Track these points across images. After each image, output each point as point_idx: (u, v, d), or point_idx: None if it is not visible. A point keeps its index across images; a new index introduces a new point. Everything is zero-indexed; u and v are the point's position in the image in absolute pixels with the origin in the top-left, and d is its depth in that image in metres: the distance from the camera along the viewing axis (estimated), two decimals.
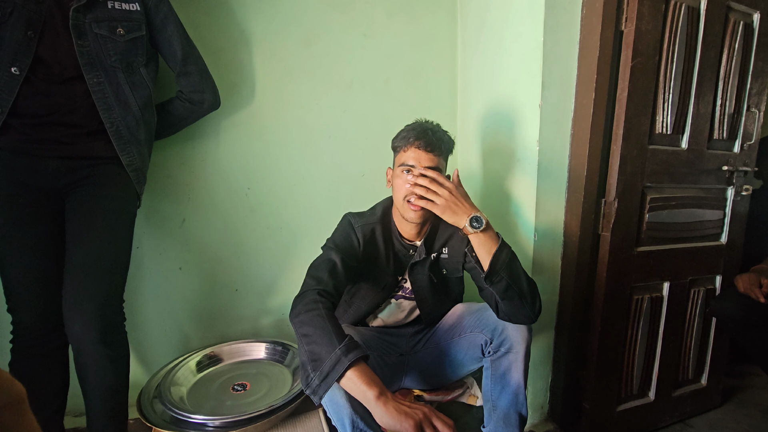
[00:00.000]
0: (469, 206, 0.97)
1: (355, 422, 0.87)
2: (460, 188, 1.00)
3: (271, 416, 1.04)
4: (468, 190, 1.58)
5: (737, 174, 1.43)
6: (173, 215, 1.38)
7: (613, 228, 1.27)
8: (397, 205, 1.09)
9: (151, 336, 1.40)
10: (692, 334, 1.51)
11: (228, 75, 1.36)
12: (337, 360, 0.78)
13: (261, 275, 1.50)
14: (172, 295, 1.40)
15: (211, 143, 1.38)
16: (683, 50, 1.24)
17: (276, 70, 1.42)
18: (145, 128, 1.08)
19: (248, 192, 1.45)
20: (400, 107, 1.60)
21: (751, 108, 1.42)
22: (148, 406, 1.08)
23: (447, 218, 0.97)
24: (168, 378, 1.16)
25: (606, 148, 1.26)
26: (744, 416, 1.60)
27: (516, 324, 0.99)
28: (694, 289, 1.48)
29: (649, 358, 1.45)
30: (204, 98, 1.20)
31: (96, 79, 0.98)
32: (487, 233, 0.96)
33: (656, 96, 1.25)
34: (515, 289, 0.94)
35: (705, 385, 1.59)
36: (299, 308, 0.87)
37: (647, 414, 1.48)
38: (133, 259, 1.32)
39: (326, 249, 1.05)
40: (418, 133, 1.04)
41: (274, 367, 1.30)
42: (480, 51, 1.51)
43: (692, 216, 1.40)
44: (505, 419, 0.95)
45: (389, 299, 1.19)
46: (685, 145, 1.33)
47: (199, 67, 1.17)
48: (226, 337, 1.47)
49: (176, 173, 1.37)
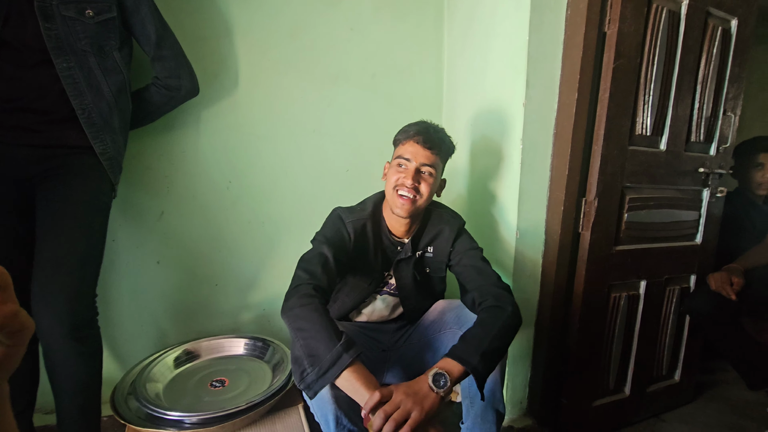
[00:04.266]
0: (423, 395, 0.79)
1: (339, 418, 0.86)
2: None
3: (250, 412, 1.03)
4: (453, 189, 1.61)
5: (713, 176, 1.47)
6: (151, 207, 1.35)
7: (592, 227, 1.29)
8: (387, 195, 1.09)
9: (127, 331, 1.36)
10: (667, 331, 1.54)
11: (210, 65, 1.33)
12: (337, 357, 0.78)
13: (242, 270, 1.48)
14: (149, 289, 1.37)
15: (192, 134, 1.35)
16: (664, 53, 1.27)
17: (260, 61, 1.40)
18: (119, 115, 1.05)
19: (230, 185, 1.42)
20: (386, 104, 1.59)
21: (728, 112, 1.45)
22: (122, 402, 1.05)
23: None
24: (143, 374, 1.14)
25: (587, 148, 1.28)
26: (714, 411, 1.66)
27: None
28: (670, 288, 1.51)
29: (626, 354, 1.48)
30: (181, 84, 1.16)
31: (65, 63, 0.94)
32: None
33: (637, 97, 1.28)
34: (501, 350, 0.91)
35: (678, 380, 1.63)
36: (293, 302, 0.86)
37: (623, 409, 1.51)
38: (109, 252, 1.29)
39: (317, 243, 1.04)
40: (419, 129, 1.05)
41: (253, 363, 1.28)
42: (466, 48, 1.51)
43: (669, 216, 1.43)
44: (483, 416, 0.96)
45: (374, 295, 1.19)
46: (663, 146, 1.36)
47: (174, 51, 1.13)
48: (205, 332, 1.44)
49: (155, 164, 1.33)
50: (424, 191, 1.04)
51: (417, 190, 1.03)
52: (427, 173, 1.04)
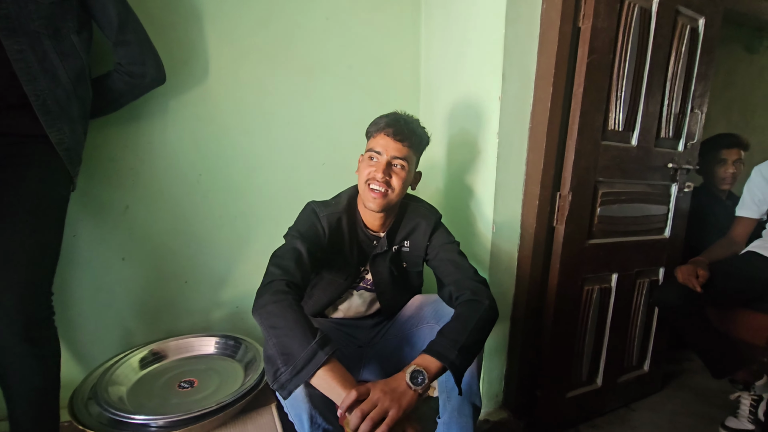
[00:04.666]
0: (400, 392, 0.78)
1: (313, 417, 0.84)
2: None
3: (220, 413, 0.99)
4: (431, 182, 1.60)
5: (681, 171, 1.51)
6: (115, 201, 1.28)
7: (567, 221, 1.30)
8: (360, 189, 1.07)
9: (90, 331, 1.29)
10: (637, 323, 1.59)
11: (178, 52, 1.27)
12: (312, 355, 0.75)
13: (213, 266, 1.43)
14: (113, 287, 1.30)
15: (159, 124, 1.29)
16: (635, 49, 1.29)
17: (231, 50, 1.34)
18: (77, 103, 0.98)
19: (200, 178, 1.37)
20: (363, 96, 1.56)
21: (695, 109, 1.50)
22: (81, 407, 0.99)
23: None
24: (105, 377, 1.08)
25: (562, 143, 1.29)
26: (680, 399, 1.72)
27: None
28: (640, 281, 1.55)
29: (598, 346, 1.51)
30: (145, 71, 1.10)
31: (16, 45, 0.87)
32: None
33: (609, 93, 1.30)
34: (479, 344, 0.91)
35: (647, 371, 1.68)
36: (265, 299, 0.83)
37: (595, 399, 1.55)
38: (69, 248, 1.22)
39: (290, 238, 1.01)
40: (389, 121, 1.03)
41: (224, 363, 1.24)
42: (444, 41, 1.50)
43: (640, 210, 1.47)
44: (459, 410, 0.95)
45: (350, 291, 1.17)
46: (635, 142, 1.39)
47: (138, 35, 1.07)
48: (175, 331, 1.38)
49: (119, 156, 1.26)
50: (395, 185, 1.02)
51: (388, 184, 1.01)
52: (399, 166, 1.02)
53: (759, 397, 1.49)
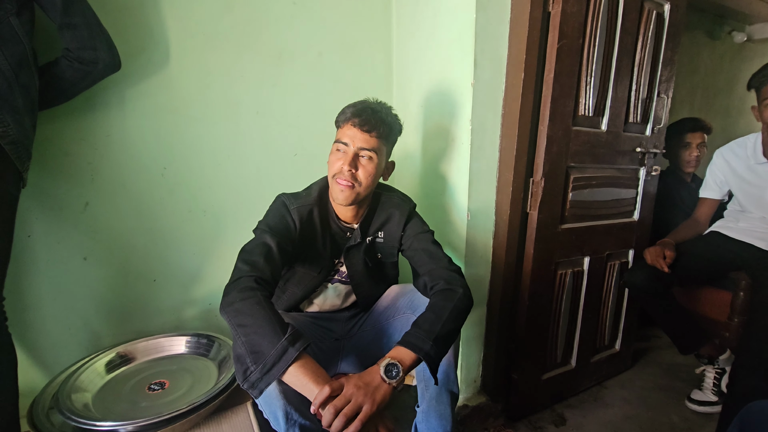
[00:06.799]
0: (374, 387, 0.77)
1: (289, 414, 0.82)
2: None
3: (193, 414, 0.96)
4: (405, 171, 1.58)
5: (648, 155, 1.55)
6: (73, 198, 1.20)
7: (540, 206, 1.31)
8: (329, 182, 1.04)
9: (52, 336, 1.22)
10: (609, 304, 1.63)
11: (134, 38, 1.20)
12: (282, 352, 0.73)
13: (183, 263, 1.38)
14: (75, 288, 1.24)
15: (116, 115, 1.22)
16: (604, 35, 1.30)
17: (193, 36, 1.28)
18: (21, 92, 0.90)
19: (165, 172, 1.31)
20: (334, 83, 1.52)
21: (661, 94, 1.53)
22: (42, 417, 0.94)
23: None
24: (68, 383, 1.02)
25: (534, 129, 1.29)
26: (649, 375, 1.79)
27: None
28: (611, 263, 1.59)
29: (571, 328, 1.55)
30: (97, 57, 1.02)
31: None
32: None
33: (579, 78, 1.30)
34: (454, 333, 0.90)
35: (618, 350, 1.74)
36: (233, 296, 0.80)
37: (570, 380, 1.59)
38: (24, 249, 1.15)
39: (259, 232, 0.97)
40: (356, 110, 0.99)
41: (197, 362, 1.20)
42: (415, 26, 1.47)
43: (610, 195, 1.50)
44: (438, 398, 0.95)
45: (325, 284, 1.15)
46: (605, 127, 1.41)
47: (86, 18, 0.98)
48: (145, 332, 1.33)
49: (74, 149, 1.19)
50: (362, 177, 0.99)
51: (355, 178, 0.99)
52: (367, 158, 0.99)
53: (722, 370, 1.57)
